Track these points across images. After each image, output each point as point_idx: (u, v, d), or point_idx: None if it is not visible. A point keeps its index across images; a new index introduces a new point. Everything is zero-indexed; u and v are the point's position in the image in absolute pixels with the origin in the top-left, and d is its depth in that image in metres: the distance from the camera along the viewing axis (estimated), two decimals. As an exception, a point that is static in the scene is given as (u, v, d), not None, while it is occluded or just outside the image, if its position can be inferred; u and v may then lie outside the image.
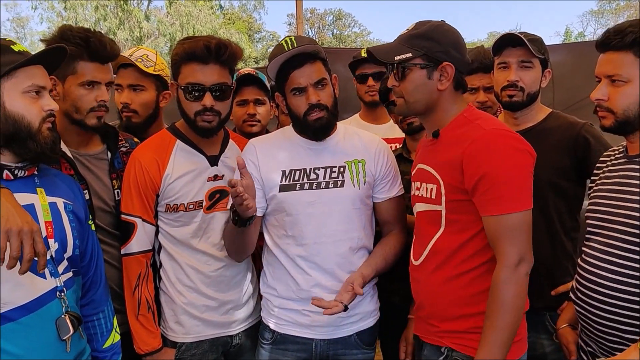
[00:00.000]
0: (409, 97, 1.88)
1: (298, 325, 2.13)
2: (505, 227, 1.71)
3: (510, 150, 1.75)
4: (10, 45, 1.65)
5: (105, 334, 1.94)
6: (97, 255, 1.92)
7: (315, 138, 2.12)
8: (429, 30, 1.84)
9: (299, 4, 5.65)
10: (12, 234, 1.42)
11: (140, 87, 2.52)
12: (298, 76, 2.03)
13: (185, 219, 2.16)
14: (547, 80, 2.33)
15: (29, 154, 1.65)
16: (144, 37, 23.94)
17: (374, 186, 2.19)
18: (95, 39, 2.01)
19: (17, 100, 1.61)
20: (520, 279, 1.71)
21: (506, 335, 1.69)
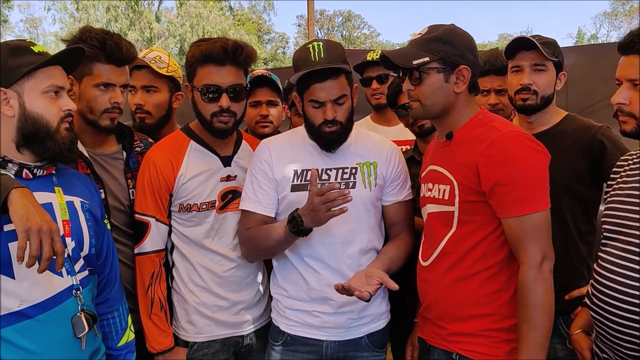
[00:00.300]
0: (426, 101, 1.89)
1: (308, 326, 2.13)
2: (527, 228, 1.73)
3: (527, 151, 1.77)
4: (30, 46, 1.67)
5: (120, 333, 1.96)
6: (112, 254, 1.94)
7: (326, 149, 2.12)
8: (444, 34, 1.86)
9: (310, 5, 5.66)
10: (31, 233, 1.43)
11: (154, 88, 2.53)
12: (319, 89, 2.02)
13: (198, 219, 2.17)
14: (562, 83, 2.32)
15: (47, 154, 1.67)
16: (154, 38, 24.08)
17: (383, 188, 2.19)
18: (112, 41, 2.02)
19: (37, 100, 1.64)
20: (546, 276, 1.74)
21: (544, 333, 1.72)
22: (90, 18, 22.84)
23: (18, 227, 1.43)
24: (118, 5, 23.22)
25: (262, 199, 2.12)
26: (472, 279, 1.85)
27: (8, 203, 1.46)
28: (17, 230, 1.43)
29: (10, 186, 1.49)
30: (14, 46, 1.65)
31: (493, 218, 1.80)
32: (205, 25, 23.83)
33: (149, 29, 23.79)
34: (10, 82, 1.61)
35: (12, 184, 1.51)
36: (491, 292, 1.82)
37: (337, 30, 42.88)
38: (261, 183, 2.12)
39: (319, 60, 2.00)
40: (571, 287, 2.21)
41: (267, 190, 2.12)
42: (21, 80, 1.62)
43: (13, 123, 1.64)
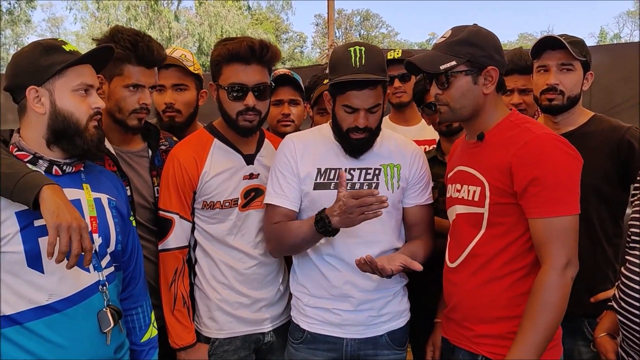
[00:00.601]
0: (455, 104, 1.89)
1: (328, 324, 2.14)
2: (554, 230, 1.71)
3: (562, 154, 1.75)
4: (62, 45, 1.70)
5: (144, 328, 1.98)
6: (137, 251, 1.96)
7: (351, 154, 2.12)
8: (470, 36, 1.85)
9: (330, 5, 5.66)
10: (61, 230, 1.46)
11: (184, 86, 2.55)
12: (354, 97, 2.00)
13: (221, 216, 2.19)
14: (589, 83, 2.29)
15: (76, 150, 1.70)
16: (173, 37, 24.25)
17: (405, 191, 2.18)
18: (144, 43, 2.04)
19: (67, 98, 1.67)
20: (566, 282, 1.71)
21: (544, 336, 1.69)
22: (111, 17, 23.11)
23: (49, 224, 1.46)
24: (138, 5, 23.43)
25: (288, 192, 2.12)
26: (500, 281, 1.84)
27: (39, 199, 1.49)
28: (48, 226, 1.46)
29: (41, 183, 1.52)
30: (46, 45, 1.68)
31: (523, 220, 1.79)
32: (224, 25, 23.94)
33: (168, 28, 23.97)
34: (42, 80, 1.65)
35: (43, 180, 1.54)
36: (519, 294, 1.80)
37: (355, 30, 42.81)
38: (286, 177, 2.12)
39: (359, 66, 1.97)
40: (597, 289, 2.19)
41: (292, 184, 2.12)
42: (52, 79, 1.65)
43: (44, 120, 1.67)
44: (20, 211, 1.56)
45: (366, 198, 1.84)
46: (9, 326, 1.57)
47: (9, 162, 1.59)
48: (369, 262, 1.91)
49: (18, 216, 1.56)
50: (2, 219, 1.54)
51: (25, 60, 1.68)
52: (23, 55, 1.69)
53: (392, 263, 1.95)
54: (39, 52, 1.66)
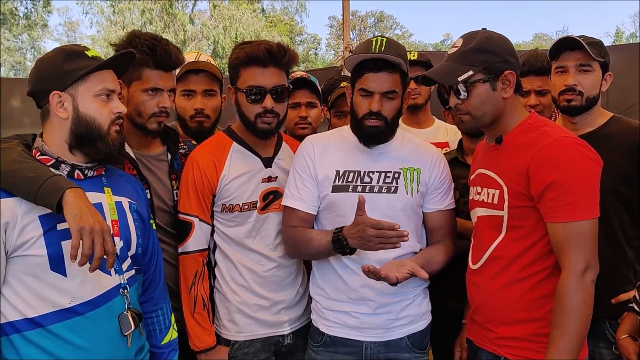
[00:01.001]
0: (476, 112, 1.89)
1: (347, 327, 2.13)
2: (573, 234, 1.71)
3: (580, 157, 1.75)
4: (85, 51, 1.73)
5: (164, 331, 1.99)
6: (157, 254, 1.98)
7: (364, 143, 2.11)
8: (482, 43, 1.85)
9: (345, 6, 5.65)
10: (84, 233, 1.48)
11: (213, 92, 2.58)
12: (370, 79, 2.03)
13: (240, 219, 2.20)
14: (607, 84, 2.27)
15: (98, 155, 1.72)
16: (188, 40, 24.38)
17: (425, 195, 2.17)
18: (162, 47, 2.06)
19: (90, 103, 1.69)
20: (587, 286, 1.71)
21: (575, 341, 1.70)
22: (126, 21, 23.29)
23: (72, 227, 1.48)
24: (153, 8, 23.60)
25: (305, 195, 2.12)
26: (521, 284, 1.84)
27: (63, 203, 1.51)
28: (71, 229, 1.48)
29: (64, 186, 1.54)
30: (69, 51, 1.71)
31: (542, 223, 1.78)
32: (238, 28, 24.03)
33: (183, 31, 24.11)
34: (65, 86, 1.67)
35: (66, 184, 1.56)
36: (540, 297, 1.81)
37: (369, 31, 42.74)
38: (304, 180, 2.13)
39: (378, 50, 2.01)
40: (617, 291, 2.18)
41: (309, 187, 2.13)
42: (75, 84, 1.67)
43: (66, 125, 1.69)
44: (43, 215, 1.58)
45: (386, 231, 1.85)
46: (32, 329, 1.58)
47: (32, 166, 1.61)
48: (372, 271, 1.92)
49: (41, 220, 1.58)
50: (26, 223, 1.56)
51: (49, 65, 1.70)
52: (46, 61, 1.72)
53: (400, 270, 1.95)
54: (62, 58, 1.69)
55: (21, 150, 1.66)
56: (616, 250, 2.20)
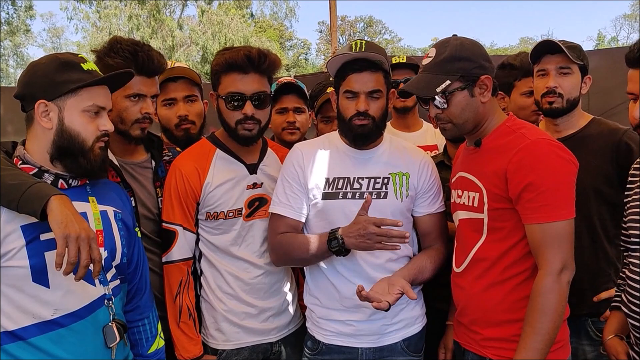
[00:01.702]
0: (458, 120, 1.90)
1: (343, 335, 2.13)
2: (549, 235, 1.73)
3: (556, 159, 1.77)
4: (81, 62, 1.69)
5: (150, 340, 1.97)
6: (142, 262, 1.96)
7: (355, 144, 2.11)
8: (456, 51, 1.86)
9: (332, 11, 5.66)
10: (70, 240, 1.45)
11: (194, 96, 2.56)
12: (354, 80, 2.04)
13: (225, 226, 2.18)
14: (587, 87, 2.32)
15: (78, 170, 1.70)
16: (177, 46, 24.32)
17: (415, 200, 2.17)
18: (144, 53, 2.04)
19: (76, 117, 1.66)
20: (562, 286, 1.73)
21: (546, 341, 1.71)
22: (112, 27, 23.17)
23: (57, 234, 1.45)
24: (140, 14, 23.52)
25: (294, 203, 2.11)
26: (503, 285, 1.86)
27: (47, 210, 1.48)
28: (56, 237, 1.45)
29: (49, 193, 1.51)
30: (64, 60, 1.67)
31: (522, 225, 1.80)
32: (227, 33, 24.01)
33: (171, 37, 24.05)
34: (53, 96, 1.64)
35: (51, 191, 1.53)
36: (522, 297, 1.82)
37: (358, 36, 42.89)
38: (293, 187, 2.12)
39: (358, 51, 2.02)
40: (599, 289, 2.23)
41: (298, 195, 2.12)
42: (64, 96, 1.64)
43: (49, 135, 1.66)
44: (25, 225, 1.55)
45: (390, 230, 1.85)
46: (11, 342, 1.55)
47: (14, 173, 1.58)
48: (365, 297, 1.90)
49: (23, 230, 1.55)
50: (7, 233, 1.53)
51: (40, 72, 1.66)
52: (39, 67, 1.68)
53: (391, 291, 1.94)
54: (55, 67, 1.65)
55: (2, 158, 1.63)
56: (598, 249, 2.24)
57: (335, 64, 2.08)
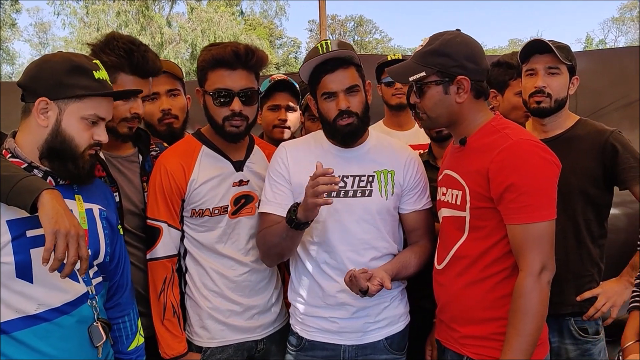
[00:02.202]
0: (430, 113, 1.92)
1: (326, 331, 2.13)
2: (530, 236, 1.74)
3: (538, 160, 1.77)
4: (93, 70, 1.67)
5: (130, 337, 1.96)
6: (124, 260, 1.94)
7: (343, 144, 2.11)
8: (441, 46, 1.86)
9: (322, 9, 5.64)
10: (59, 236, 1.43)
11: (177, 90, 2.54)
12: (329, 81, 2.03)
13: (211, 224, 2.17)
14: (575, 87, 2.32)
15: (65, 174, 1.68)
16: (166, 42, 24.20)
17: (401, 197, 2.17)
18: (139, 53, 2.02)
19: (74, 122, 1.65)
20: (543, 286, 1.74)
21: (529, 341, 1.73)
22: (101, 23, 22.99)
23: (46, 229, 1.43)
24: (129, 10, 23.36)
25: (281, 200, 2.10)
26: (482, 284, 1.87)
27: (38, 204, 1.46)
28: (46, 232, 1.43)
29: (41, 187, 1.49)
30: (77, 64, 1.65)
31: (503, 225, 1.81)
32: (217, 30, 23.94)
33: (160, 33, 23.92)
34: (57, 96, 1.62)
35: (43, 185, 1.51)
36: (501, 296, 1.83)
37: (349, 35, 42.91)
38: (279, 185, 2.12)
39: (327, 52, 2.02)
40: (583, 289, 2.25)
41: (285, 193, 2.11)
42: (68, 99, 1.63)
43: (43, 133, 1.64)
44: (11, 220, 1.53)
45: (319, 179, 1.80)
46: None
47: (4, 164, 1.55)
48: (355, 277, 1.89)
49: (9, 225, 1.52)
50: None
51: (50, 70, 1.64)
52: (50, 63, 1.65)
53: (372, 282, 1.93)
54: (66, 68, 1.63)
55: None
56: (582, 249, 2.25)
57: (307, 69, 2.08)
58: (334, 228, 2.07)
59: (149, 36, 23.55)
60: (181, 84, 2.59)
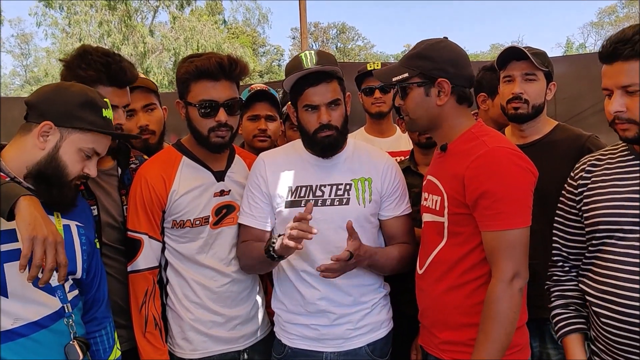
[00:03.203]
0: (412, 114, 1.95)
1: (308, 339, 2.13)
2: (503, 243, 1.75)
3: (513, 167, 1.78)
4: (103, 108, 1.73)
5: (108, 350, 1.94)
6: (100, 274, 1.92)
7: (322, 155, 2.12)
8: (424, 49, 1.91)
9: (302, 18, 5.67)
10: (37, 242, 1.42)
11: (153, 105, 2.53)
12: (312, 94, 2.04)
13: (192, 234, 2.16)
14: (552, 93, 2.35)
15: (47, 199, 1.66)
16: (148, 52, 24.10)
17: (380, 204, 2.18)
18: (116, 64, 2.02)
19: (71, 153, 1.68)
20: (514, 293, 1.74)
21: (499, 347, 1.73)
22: (83, 33, 22.84)
23: (23, 236, 1.42)
24: (111, 20, 23.24)
25: (256, 213, 2.13)
26: (460, 289, 1.88)
27: (15, 210, 1.45)
28: (23, 238, 1.42)
29: (19, 193, 1.48)
30: (91, 99, 1.72)
31: (479, 231, 1.82)
32: (200, 39, 23.88)
33: (143, 43, 23.82)
34: (63, 124, 1.65)
35: (21, 191, 1.51)
36: (478, 302, 1.83)
37: (331, 42, 43.11)
38: (255, 197, 2.13)
39: (310, 65, 2.03)
40: None
41: (260, 205, 2.13)
42: (73, 129, 1.66)
43: (37, 156, 1.65)
44: None
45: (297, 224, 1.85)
46: None
47: None
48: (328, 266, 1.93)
49: None
50: None
51: (64, 98, 1.68)
52: (68, 92, 1.70)
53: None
54: (81, 101, 1.69)
55: None
56: None
57: (290, 81, 2.08)
58: (313, 238, 2.07)
59: (132, 46, 23.45)
60: (156, 96, 2.57)
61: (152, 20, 26.42)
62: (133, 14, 24.27)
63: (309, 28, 6.10)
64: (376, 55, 41.19)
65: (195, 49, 22.70)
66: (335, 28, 43.51)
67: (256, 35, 37.66)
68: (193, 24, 24.50)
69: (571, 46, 37.89)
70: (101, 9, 23.05)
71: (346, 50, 42.06)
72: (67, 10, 23.54)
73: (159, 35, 25.28)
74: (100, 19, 22.97)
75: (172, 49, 24.25)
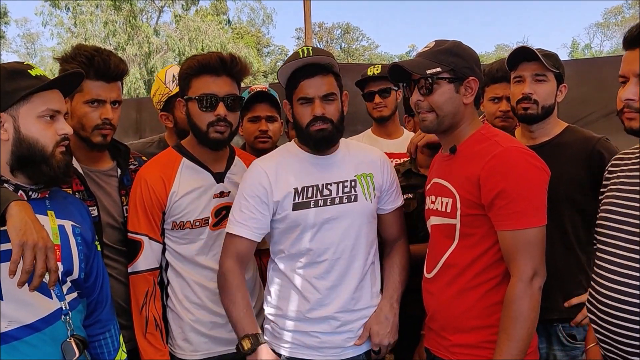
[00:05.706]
0: (440, 111, 1.91)
1: (306, 347, 2.08)
2: (521, 242, 1.75)
3: (528, 166, 1.78)
4: (28, 69, 1.65)
5: (113, 353, 1.92)
6: (102, 276, 1.90)
7: (316, 150, 2.08)
8: (454, 47, 1.91)
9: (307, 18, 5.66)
10: (26, 248, 1.40)
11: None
12: (307, 86, 2.01)
13: (192, 236, 2.15)
14: (562, 95, 2.34)
15: (42, 178, 1.65)
16: (153, 52, 24.17)
17: (380, 198, 2.17)
18: (101, 57, 2.01)
19: (32, 124, 1.62)
20: (534, 292, 1.75)
21: (521, 347, 1.72)
22: (88, 33, 22.95)
23: (14, 241, 1.40)
24: (116, 20, 23.33)
25: (251, 224, 2.04)
26: (473, 291, 1.87)
27: (6, 215, 1.43)
28: (13, 244, 1.40)
29: (10, 198, 1.47)
30: (11, 70, 1.63)
31: (493, 231, 1.81)
32: (204, 39, 23.94)
33: (148, 43, 23.89)
34: (5, 106, 1.60)
35: (12, 196, 1.49)
36: (492, 304, 1.83)
37: (336, 43, 43.17)
38: (251, 207, 2.04)
39: (307, 56, 2.01)
40: (570, 295, 2.25)
41: (257, 216, 2.04)
42: (17, 105, 1.60)
43: (7, 146, 1.62)
44: None
45: None
46: None
47: None
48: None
49: None
50: None
51: None
52: None
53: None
54: (2, 78, 1.61)
55: None
56: (570, 256, 2.25)
57: (285, 72, 2.06)
58: (324, 238, 2.04)
59: (137, 46, 23.52)
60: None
61: (157, 20, 26.52)
62: (138, 14, 24.34)
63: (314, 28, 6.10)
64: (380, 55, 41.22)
65: (199, 49, 22.78)
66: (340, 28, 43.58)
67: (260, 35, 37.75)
68: (198, 24, 24.57)
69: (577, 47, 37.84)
70: (106, 9, 23.14)
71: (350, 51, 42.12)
72: (72, 10, 23.65)
73: (164, 36, 25.35)
74: (105, 19, 23.06)
75: (176, 49, 24.32)
